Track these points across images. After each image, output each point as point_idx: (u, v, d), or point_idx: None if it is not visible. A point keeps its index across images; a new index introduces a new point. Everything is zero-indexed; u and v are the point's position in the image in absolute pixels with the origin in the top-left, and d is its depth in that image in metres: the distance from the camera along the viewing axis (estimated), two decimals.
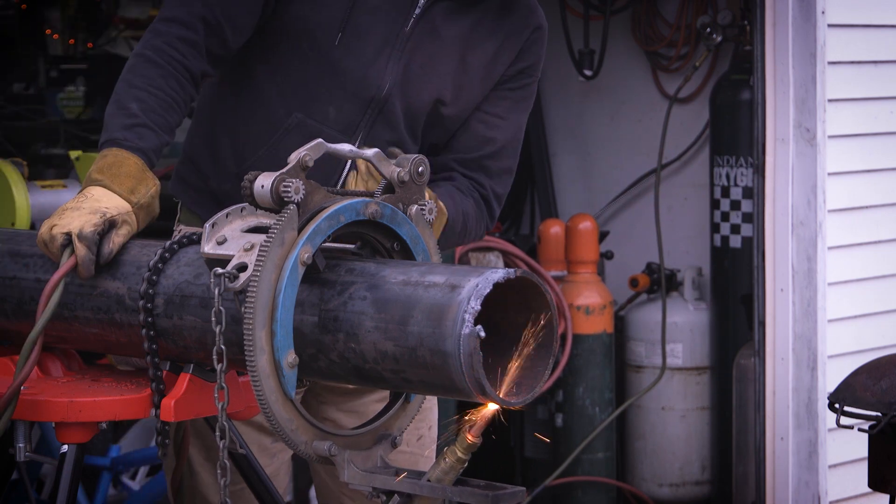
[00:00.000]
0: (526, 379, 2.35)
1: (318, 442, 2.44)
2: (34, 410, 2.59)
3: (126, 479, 5.58)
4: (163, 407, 2.57)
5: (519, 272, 2.31)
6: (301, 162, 2.43)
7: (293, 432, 2.42)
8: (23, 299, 2.74)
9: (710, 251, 6.21)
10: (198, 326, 2.52)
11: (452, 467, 2.38)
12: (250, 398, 2.54)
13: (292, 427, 2.41)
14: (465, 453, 2.37)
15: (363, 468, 2.47)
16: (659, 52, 6.49)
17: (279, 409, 2.39)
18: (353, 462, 2.46)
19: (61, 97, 8.06)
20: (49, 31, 7.95)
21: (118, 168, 2.73)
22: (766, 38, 5.41)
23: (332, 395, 3.20)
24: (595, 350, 5.95)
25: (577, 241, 5.99)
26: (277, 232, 2.36)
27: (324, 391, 3.19)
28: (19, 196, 4.74)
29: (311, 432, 2.44)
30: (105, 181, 2.72)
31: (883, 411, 3.83)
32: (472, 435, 2.35)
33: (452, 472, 2.38)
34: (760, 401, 5.52)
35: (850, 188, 5.52)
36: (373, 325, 2.34)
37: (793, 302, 5.44)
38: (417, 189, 2.55)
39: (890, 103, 5.64)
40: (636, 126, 6.58)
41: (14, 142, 5.47)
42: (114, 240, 2.64)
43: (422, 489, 2.38)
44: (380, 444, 2.52)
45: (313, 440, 2.44)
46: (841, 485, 5.48)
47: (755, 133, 5.49)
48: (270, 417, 2.38)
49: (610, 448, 6.04)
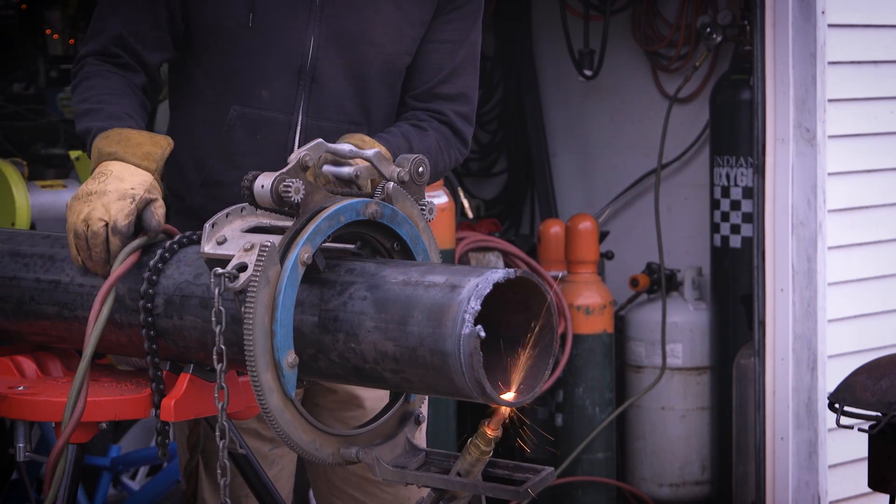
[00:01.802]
0: (526, 379, 2.35)
1: (345, 449, 2.46)
2: (34, 410, 2.59)
3: (126, 479, 5.58)
4: (163, 407, 2.57)
5: (519, 272, 2.31)
6: (301, 162, 2.43)
7: (293, 432, 2.42)
8: (23, 299, 2.74)
9: (710, 251, 6.21)
10: (198, 326, 2.52)
11: (479, 459, 2.41)
12: (250, 398, 2.54)
13: (292, 427, 2.41)
14: (488, 446, 2.39)
15: (392, 456, 2.49)
16: (659, 52, 6.49)
17: (279, 410, 2.39)
18: (382, 457, 2.48)
19: (61, 97, 8.05)
20: (49, 31, 7.95)
21: (126, 139, 2.74)
22: (766, 38, 5.41)
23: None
24: (595, 350, 5.95)
25: (577, 241, 5.99)
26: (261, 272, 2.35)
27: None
28: (19, 196, 4.74)
29: (312, 432, 2.44)
30: (119, 151, 2.72)
31: (883, 411, 3.83)
32: (491, 428, 2.38)
33: (479, 464, 2.41)
34: (760, 401, 5.52)
35: (850, 188, 5.52)
36: (373, 325, 2.34)
37: (793, 302, 5.44)
38: (417, 189, 2.55)
39: (890, 103, 5.63)
40: (636, 126, 6.58)
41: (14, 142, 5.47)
42: (156, 213, 2.65)
43: (453, 485, 2.41)
44: (404, 426, 2.53)
45: (313, 440, 2.44)
46: (841, 485, 5.48)
47: (755, 133, 5.48)
48: (270, 417, 2.38)
49: (610, 448, 6.04)
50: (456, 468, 2.42)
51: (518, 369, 2.35)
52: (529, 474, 2.42)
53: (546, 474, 2.40)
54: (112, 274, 2.59)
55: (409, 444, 2.53)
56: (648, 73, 6.56)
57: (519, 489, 2.38)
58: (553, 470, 2.43)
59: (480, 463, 2.40)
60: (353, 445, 2.48)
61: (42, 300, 2.72)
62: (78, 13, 7.98)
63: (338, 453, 2.46)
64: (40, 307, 2.72)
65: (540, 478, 2.40)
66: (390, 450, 2.51)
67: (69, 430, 2.52)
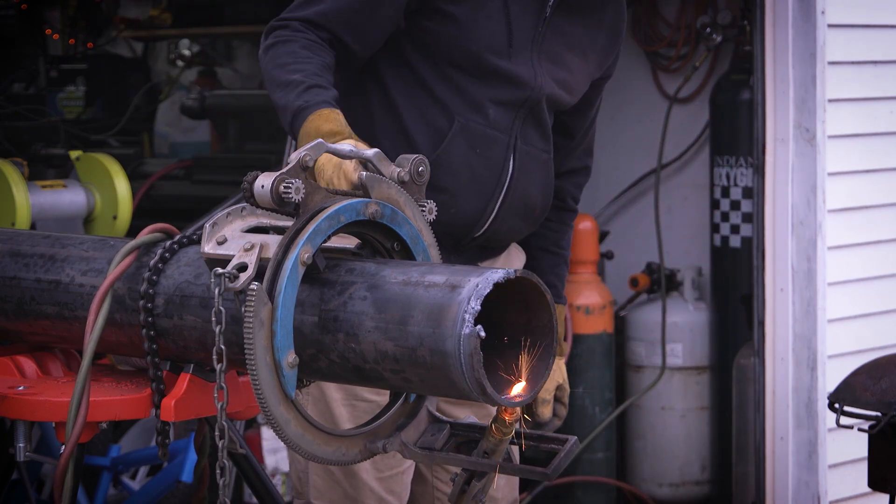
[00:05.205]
0: (526, 379, 2.36)
1: (371, 444, 2.49)
2: (34, 410, 2.59)
3: (126, 479, 5.57)
4: (163, 407, 2.57)
5: (519, 272, 2.31)
6: (301, 162, 2.43)
7: (292, 432, 2.42)
8: (23, 299, 2.74)
9: (710, 251, 6.21)
10: (198, 326, 2.52)
11: (501, 441, 2.45)
12: (250, 398, 2.54)
13: (292, 427, 2.41)
14: (508, 428, 2.43)
15: (417, 434, 2.52)
16: (659, 52, 6.49)
17: (279, 410, 2.39)
18: (408, 439, 2.51)
19: (61, 97, 8.06)
20: (49, 31, 7.94)
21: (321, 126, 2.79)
22: (766, 38, 5.41)
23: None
24: (595, 350, 5.96)
25: (576, 241, 5.98)
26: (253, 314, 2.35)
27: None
28: (19, 196, 4.74)
29: (312, 432, 2.44)
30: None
31: (883, 411, 3.83)
32: (508, 413, 2.41)
33: (503, 443, 2.45)
34: (760, 401, 5.52)
35: (849, 188, 5.52)
36: (373, 325, 2.34)
37: (793, 302, 5.44)
38: (417, 189, 2.55)
39: (890, 103, 5.64)
40: (636, 126, 6.58)
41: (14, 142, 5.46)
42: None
43: (482, 466, 2.46)
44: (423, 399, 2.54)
45: (316, 440, 2.44)
46: (841, 485, 5.48)
47: (755, 133, 5.49)
48: (270, 417, 2.38)
49: (610, 448, 6.04)
50: (481, 447, 2.46)
51: (518, 369, 2.35)
52: (555, 444, 2.48)
53: (571, 446, 2.46)
54: (110, 275, 2.59)
55: (431, 417, 2.54)
56: (648, 73, 6.56)
57: (547, 471, 2.43)
58: (577, 440, 2.49)
59: (504, 443, 2.45)
60: (377, 438, 2.50)
61: (42, 300, 2.72)
62: (78, 13, 7.98)
63: (337, 452, 2.46)
64: (40, 307, 2.72)
65: (565, 452, 2.45)
66: (415, 428, 2.54)
67: (72, 441, 2.52)
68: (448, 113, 3.16)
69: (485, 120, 3.18)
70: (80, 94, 8.00)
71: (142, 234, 2.67)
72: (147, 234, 2.66)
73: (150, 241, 2.65)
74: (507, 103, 3.20)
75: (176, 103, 7.82)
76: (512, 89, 3.19)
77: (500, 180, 3.21)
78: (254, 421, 5.59)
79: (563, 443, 2.47)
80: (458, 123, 3.16)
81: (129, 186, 5.08)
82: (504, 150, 3.21)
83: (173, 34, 7.95)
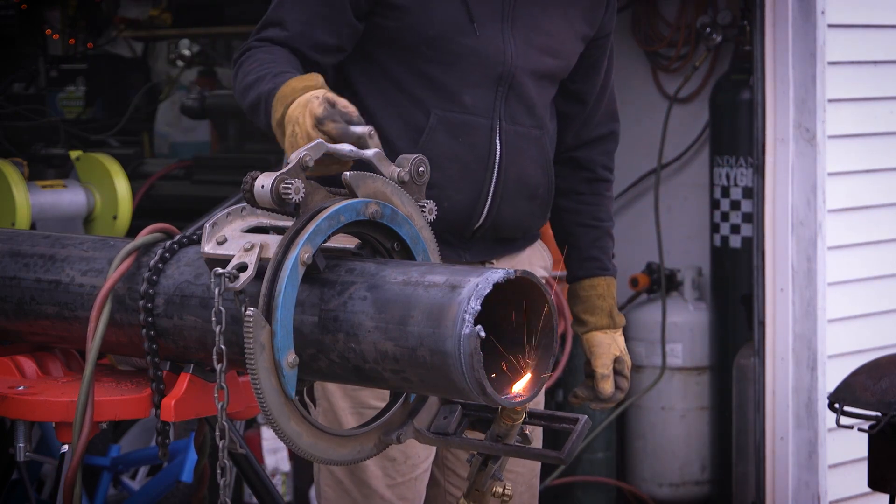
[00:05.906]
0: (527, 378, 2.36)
1: (386, 436, 2.51)
2: (34, 410, 2.59)
3: (126, 479, 5.57)
4: (163, 407, 2.57)
5: (519, 272, 2.31)
6: (301, 162, 2.43)
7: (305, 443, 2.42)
8: (23, 299, 2.74)
9: (710, 251, 6.21)
10: (198, 326, 2.52)
11: (512, 427, 2.47)
12: (250, 398, 2.53)
13: (291, 427, 2.41)
14: (518, 414, 2.45)
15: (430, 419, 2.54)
16: (659, 52, 6.49)
17: (279, 410, 2.39)
18: (420, 427, 2.53)
19: (61, 97, 8.06)
20: (49, 31, 7.94)
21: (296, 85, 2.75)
22: (766, 38, 5.41)
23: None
24: None
25: None
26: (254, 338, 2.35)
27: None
28: (19, 196, 4.74)
29: (312, 432, 2.44)
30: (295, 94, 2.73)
31: (883, 411, 3.83)
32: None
33: (515, 428, 2.47)
34: (760, 401, 5.52)
35: (849, 188, 5.52)
36: (373, 325, 2.34)
37: (793, 302, 5.44)
38: (417, 189, 2.55)
39: (890, 103, 5.64)
40: (636, 126, 6.57)
41: (14, 142, 5.47)
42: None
43: (497, 450, 2.49)
44: None
45: (314, 440, 2.44)
46: (841, 485, 5.48)
47: (755, 133, 5.49)
48: (270, 417, 2.38)
49: (610, 448, 6.04)
50: (494, 431, 2.48)
51: (518, 369, 2.35)
52: (566, 424, 2.50)
53: (583, 425, 2.48)
54: (109, 278, 2.59)
55: (441, 399, 2.55)
56: (648, 73, 6.56)
57: (561, 455, 2.45)
58: (587, 418, 2.51)
59: (515, 427, 2.47)
60: (391, 430, 2.52)
61: (42, 300, 2.72)
62: (78, 13, 7.98)
63: (337, 450, 2.46)
64: (40, 307, 2.72)
65: (577, 433, 2.47)
66: (427, 412, 2.55)
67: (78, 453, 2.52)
68: (423, 108, 3.10)
69: (461, 107, 3.11)
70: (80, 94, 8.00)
71: (142, 234, 2.67)
72: (147, 234, 2.66)
73: (150, 241, 2.65)
74: (483, 85, 3.12)
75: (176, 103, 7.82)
76: (482, 69, 3.11)
77: (488, 165, 3.14)
78: (254, 421, 5.59)
79: (574, 422, 2.49)
80: (434, 116, 3.10)
81: (129, 186, 5.08)
82: (488, 134, 3.13)
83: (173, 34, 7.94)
